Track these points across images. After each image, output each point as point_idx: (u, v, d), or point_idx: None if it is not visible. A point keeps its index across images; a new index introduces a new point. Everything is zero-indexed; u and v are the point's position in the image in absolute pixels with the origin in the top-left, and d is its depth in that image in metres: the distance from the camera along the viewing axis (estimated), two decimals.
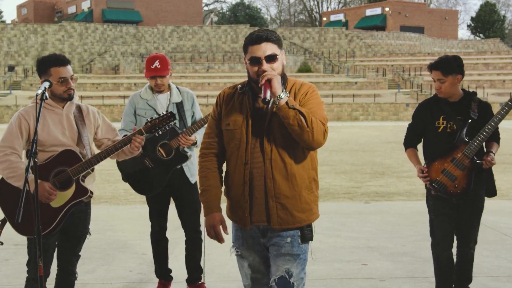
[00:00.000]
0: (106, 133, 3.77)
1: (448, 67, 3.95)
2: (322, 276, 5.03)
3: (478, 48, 61.26)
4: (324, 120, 2.82)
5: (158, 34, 52.61)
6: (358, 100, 37.08)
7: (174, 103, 4.52)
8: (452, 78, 3.96)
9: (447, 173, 3.99)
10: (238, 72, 45.97)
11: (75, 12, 60.43)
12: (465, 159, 3.94)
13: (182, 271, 5.14)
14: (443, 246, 4.14)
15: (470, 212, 4.08)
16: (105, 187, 10.18)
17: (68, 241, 3.66)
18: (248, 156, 2.87)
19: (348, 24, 62.61)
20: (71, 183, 3.47)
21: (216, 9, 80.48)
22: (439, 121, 4.06)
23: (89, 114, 3.70)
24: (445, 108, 4.05)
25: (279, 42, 2.89)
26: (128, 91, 40.31)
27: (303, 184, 2.90)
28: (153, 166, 4.40)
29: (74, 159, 3.48)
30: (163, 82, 4.46)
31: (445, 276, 4.19)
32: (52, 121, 3.54)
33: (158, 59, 4.42)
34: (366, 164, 13.66)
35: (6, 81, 41.55)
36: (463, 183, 3.96)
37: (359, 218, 7.35)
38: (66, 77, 3.49)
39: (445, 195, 4.02)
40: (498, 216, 7.42)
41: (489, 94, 38.52)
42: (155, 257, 4.73)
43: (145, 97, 4.53)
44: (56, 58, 3.51)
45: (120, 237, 6.46)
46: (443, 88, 3.99)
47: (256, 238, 3.00)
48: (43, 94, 3.23)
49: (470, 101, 4.06)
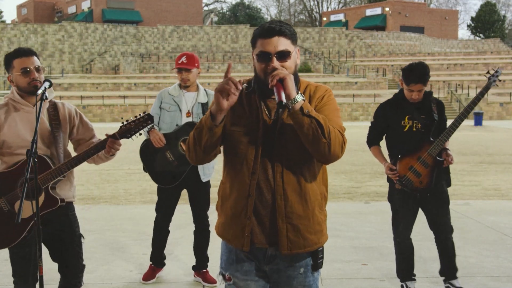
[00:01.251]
0: (82, 133, 3.55)
1: (427, 79, 4.21)
2: (322, 276, 5.03)
3: (478, 48, 61.27)
4: (342, 129, 2.41)
5: (158, 34, 52.61)
6: (358, 100, 37.08)
7: (200, 103, 4.76)
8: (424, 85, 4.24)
9: (414, 170, 4.28)
10: (238, 72, 45.95)
11: (75, 12, 60.44)
12: (429, 158, 4.25)
13: (181, 271, 5.15)
14: (405, 234, 4.52)
15: (438, 204, 4.42)
16: (105, 187, 10.17)
17: (59, 251, 3.46)
18: (257, 165, 2.44)
19: (348, 24, 62.61)
20: (39, 192, 3.20)
21: (216, 9, 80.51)
22: (404, 121, 4.32)
23: (65, 112, 3.48)
24: (409, 108, 4.32)
25: (294, 37, 2.45)
26: (128, 91, 40.32)
27: (316, 201, 2.54)
28: (173, 160, 4.59)
29: (43, 166, 3.23)
30: (188, 76, 4.68)
31: (407, 260, 4.58)
32: (21, 120, 3.32)
33: (186, 55, 4.70)
34: (366, 164, 13.66)
35: (6, 81, 41.55)
36: (427, 179, 4.29)
37: (359, 218, 7.35)
38: (28, 67, 3.28)
39: (411, 191, 4.34)
40: (498, 216, 7.42)
41: (489, 94, 38.53)
42: (153, 243, 4.95)
43: (173, 93, 4.78)
44: (18, 49, 3.35)
45: (120, 237, 6.46)
46: (419, 96, 4.27)
47: (255, 263, 2.55)
48: (43, 94, 3.15)
49: (430, 102, 4.35)
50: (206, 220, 4.92)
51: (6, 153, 3.29)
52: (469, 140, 20.76)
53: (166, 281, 4.96)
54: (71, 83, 41.70)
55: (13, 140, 3.28)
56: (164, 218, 4.88)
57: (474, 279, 4.95)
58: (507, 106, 36.51)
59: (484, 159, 14.95)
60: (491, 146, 18.44)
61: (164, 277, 5.04)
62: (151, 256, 4.98)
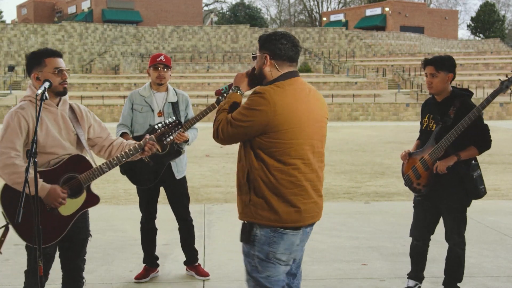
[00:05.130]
0: (99, 133, 3.61)
1: (441, 63, 4.14)
2: (322, 276, 5.04)
3: (478, 48, 61.25)
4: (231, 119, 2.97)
5: (158, 34, 52.59)
6: (358, 100, 37.06)
7: (170, 102, 4.83)
8: (443, 74, 4.13)
9: (415, 170, 4.31)
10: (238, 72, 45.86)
11: (75, 12, 60.41)
12: (429, 160, 4.19)
13: (181, 272, 5.15)
14: (415, 233, 4.46)
15: (446, 209, 4.29)
16: (105, 187, 10.17)
17: (71, 249, 3.53)
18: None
19: (348, 24, 62.59)
20: (81, 190, 3.35)
21: (216, 9, 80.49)
22: (424, 119, 4.34)
23: (81, 112, 3.54)
24: (431, 106, 4.30)
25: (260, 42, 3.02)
26: (128, 91, 40.26)
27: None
28: (149, 160, 4.56)
29: (84, 165, 3.35)
30: (165, 74, 4.79)
31: (414, 260, 4.53)
32: (49, 120, 3.36)
33: (163, 55, 4.84)
34: (366, 164, 13.66)
35: (6, 81, 41.54)
36: (424, 182, 4.24)
37: (359, 218, 7.34)
38: (61, 68, 3.34)
39: (411, 190, 4.37)
40: (498, 216, 7.42)
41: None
42: (143, 245, 5.03)
43: (144, 94, 4.85)
44: (50, 49, 3.39)
45: (120, 237, 6.46)
46: (434, 83, 4.16)
47: None
48: (43, 94, 3.14)
49: (452, 103, 4.17)
50: (188, 216, 5.02)
51: (38, 152, 3.24)
52: None
53: (167, 281, 4.96)
54: (71, 83, 41.62)
55: (45, 139, 3.29)
56: (150, 216, 4.98)
57: (474, 279, 4.95)
58: (507, 106, 36.50)
59: (484, 159, 14.95)
60: (491, 146, 18.42)
61: (164, 277, 5.05)
62: (144, 258, 5.04)
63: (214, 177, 11.64)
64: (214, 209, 7.91)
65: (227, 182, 10.84)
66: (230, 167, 12.81)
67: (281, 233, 2.94)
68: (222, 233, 6.55)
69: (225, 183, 10.80)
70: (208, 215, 7.50)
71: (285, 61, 2.99)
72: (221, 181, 11.07)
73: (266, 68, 2.99)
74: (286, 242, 2.96)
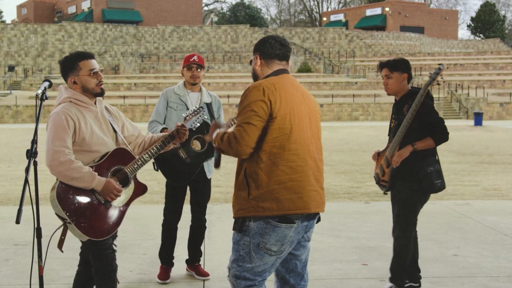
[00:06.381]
0: (132, 131, 3.69)
1: (394, 65, 4.35)
2: (322, 276, 5.04)
3: (478, 48, 61.29)
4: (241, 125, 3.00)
5: (158, 34, 52.63)
6: (358, 100, 37.09)
7: (204, 103, 4.88)
8: (398, 74, 4.33)
9: (380, 168, 4.51)
10: (238, 72, 45.99)
11: (75, 12, 60.46)
12: (389, 156, 4.39)
13: (184, 272, 5.15)
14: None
15: (392, 201, 4.49)
16: None
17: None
18: None
19: (348, 24, 62.63)
20: (129, 181, 3.44)
21: (216, 9, 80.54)
22: (391, 119, 4.56)
23: (114, 111, 3.61)
24: (393, 106, 4.51)
25: (256, 47, 3.19)
26: (128, 91, 40.34)
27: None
28: (186, 157, 4.65)
29: (127, 157, 3.43)
30: (199, 74, 4.84)
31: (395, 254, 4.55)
32: (91, 120, 3.38)
33: (197, 55, 4.90)
34: (366, 164, 13.66)
35: (6, 81, 41.59)
36: (387, 178, 4.44)
37: (359, 218, 7.34)
38: (96, 69, 3.36)
39: (379, 187, 4.56)
40: (498, 216, 7.42)
41: (489, 94, 38.53)
42: (165, 244, 4.96)
43: (178, 92, 4.89)
44: (82, 52, 3.42)
45: (120, 237, 6.43)
46: (389, 84, 4.36)
47: None
48: (43, 94, 3.17)
49: (406, 101, 4.34)
50: (204, 215, 5.04)
51: (83, 151, 3.31)
52: (469, 140, 20.77)
53: (169, 281, 4.95)
54: None
55: (90, 138, 3.33)
56: (176, 215, 4.93)
57: (474, 279, 4.95)
58: (507, 106, 36.52)
59: (484, 159, 14.96)
60: (491, 146, 18.45)
61: None
62: (163, 259, 4.94)
63: (214, 177, 11.62)
64: (214, 209, 7.91)
65: (227, 182, 10.84)
66: (230, 167, 12.82)
67: (273, 226, 2.97)
68: (222, 233, 6.55)
69: (225, 183, 10.80)
70: (208, 215, 7.45)
71: (275, 59, 3.15)
72: (221, 181, 11.07)
73: (257, 68, 3.17)
74: (278, 234, 2.98)
